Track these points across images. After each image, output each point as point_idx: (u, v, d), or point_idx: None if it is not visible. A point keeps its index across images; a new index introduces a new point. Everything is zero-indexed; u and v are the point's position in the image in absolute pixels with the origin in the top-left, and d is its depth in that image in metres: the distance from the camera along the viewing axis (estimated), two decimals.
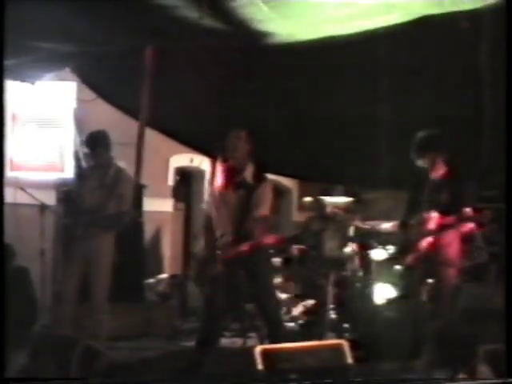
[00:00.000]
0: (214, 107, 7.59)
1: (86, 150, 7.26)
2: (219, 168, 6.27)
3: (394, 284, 7.61)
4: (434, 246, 6.59)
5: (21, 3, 5.37)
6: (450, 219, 6.54)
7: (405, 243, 7.02)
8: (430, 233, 6.58)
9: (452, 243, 6.61)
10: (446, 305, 6.68)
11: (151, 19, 5.98)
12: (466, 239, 6.81)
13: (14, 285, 6.90)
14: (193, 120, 7.91)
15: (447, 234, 6.56)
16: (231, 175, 6.26)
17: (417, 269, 6.70)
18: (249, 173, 6.23)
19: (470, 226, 6.58)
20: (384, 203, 9.89)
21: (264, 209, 6.22)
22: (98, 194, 6.94)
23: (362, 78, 6.94)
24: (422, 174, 6.86)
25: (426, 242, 6.58)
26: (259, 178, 6.26)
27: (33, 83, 7.68)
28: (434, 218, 6.57)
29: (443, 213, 6.57)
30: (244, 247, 6.06)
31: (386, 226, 8.27)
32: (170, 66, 7.31)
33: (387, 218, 8.54)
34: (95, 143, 7.07)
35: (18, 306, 6.92)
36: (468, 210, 6.53)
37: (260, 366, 4.79)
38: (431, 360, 5.90)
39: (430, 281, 6.82)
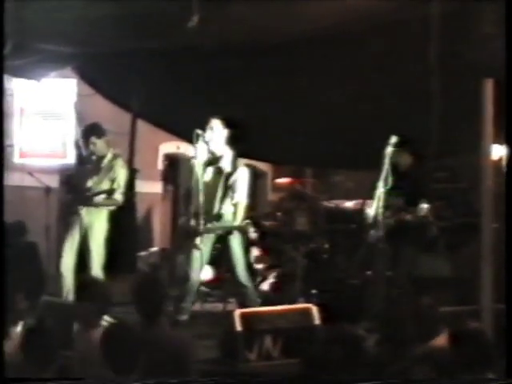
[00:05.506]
0: (195, 100, 7.80)
1: (83, 139, 7.62)
2: (200, 155, 6.61)
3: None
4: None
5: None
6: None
7: (366, 220, 7.34)
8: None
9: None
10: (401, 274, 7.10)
11: (143, 23, 6.15)
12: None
13: (25, 257, 7.65)
14: (178, 112, 8.18)
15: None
16: (210, 161, 6.62)
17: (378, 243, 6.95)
18: (226, 159, 6.59)
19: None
20: (347, 184, 10.23)
21: (241, 194, 6.52)
22: (95, 177, 7.33)
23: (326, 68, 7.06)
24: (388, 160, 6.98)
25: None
26: (235, 164, 6.61)
27: (38, 81, 8.04)
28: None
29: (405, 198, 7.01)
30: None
31: (349, 204, 8.79)
32: (159, 64, 7.56)
33: (349, 197, 9.01)
34: (91, 133, 7.44)
35: (29, 275, 7.64)
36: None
37: (238, 328, 5.35)
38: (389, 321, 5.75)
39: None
